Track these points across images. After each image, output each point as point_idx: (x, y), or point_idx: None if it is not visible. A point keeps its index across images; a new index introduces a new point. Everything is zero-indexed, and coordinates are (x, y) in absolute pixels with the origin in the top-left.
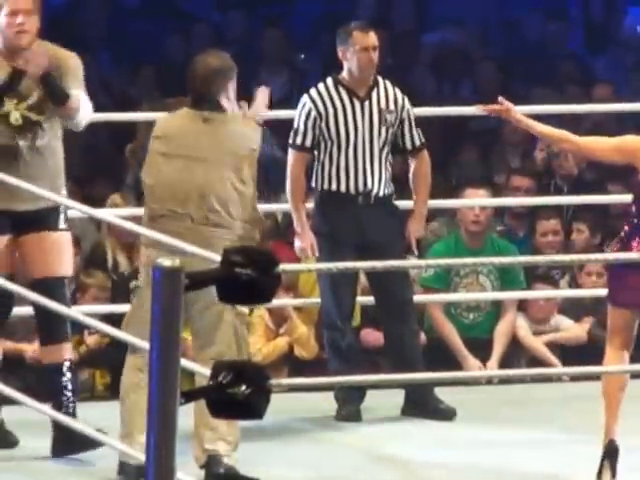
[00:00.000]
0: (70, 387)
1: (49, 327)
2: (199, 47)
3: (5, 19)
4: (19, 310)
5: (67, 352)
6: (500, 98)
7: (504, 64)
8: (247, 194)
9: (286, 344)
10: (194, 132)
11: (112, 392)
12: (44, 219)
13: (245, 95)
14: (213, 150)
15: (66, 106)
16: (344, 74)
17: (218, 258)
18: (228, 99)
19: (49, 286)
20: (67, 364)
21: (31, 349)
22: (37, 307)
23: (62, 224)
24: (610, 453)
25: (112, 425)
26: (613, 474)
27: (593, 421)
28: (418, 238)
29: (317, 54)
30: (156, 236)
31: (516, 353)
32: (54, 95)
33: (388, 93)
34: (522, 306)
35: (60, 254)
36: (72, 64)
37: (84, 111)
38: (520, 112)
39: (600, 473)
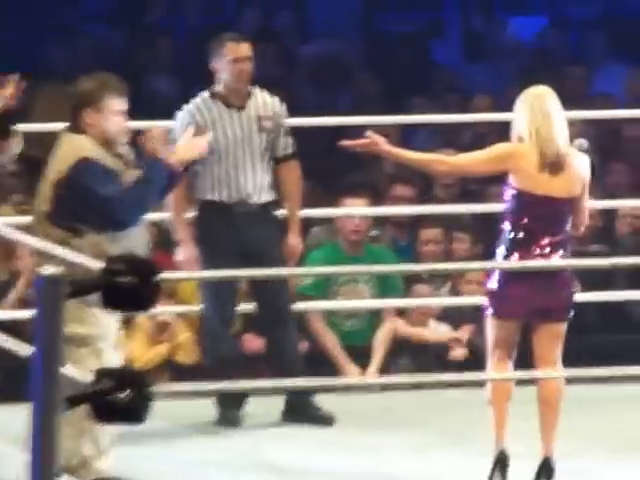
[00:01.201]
0: None
1: None
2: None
3: None
4: None
5: None
6: (368, 132)
7: (382, 74)
8: (42, 212)
9: (166, 350)
10: None
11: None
12: None
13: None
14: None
15: (6, 141)
16: (218, 86)
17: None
18: (97, 121)
19: None
20: None
21: None
22: None
23: None
24: (501, 462)
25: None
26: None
27: (473, 428)
28: (297, 249)
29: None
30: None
31: (394, 358)
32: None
33: (265, 101)
34: (400, 313)
35: None
36: None
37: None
38: (399, 121)
39: (490, 478)
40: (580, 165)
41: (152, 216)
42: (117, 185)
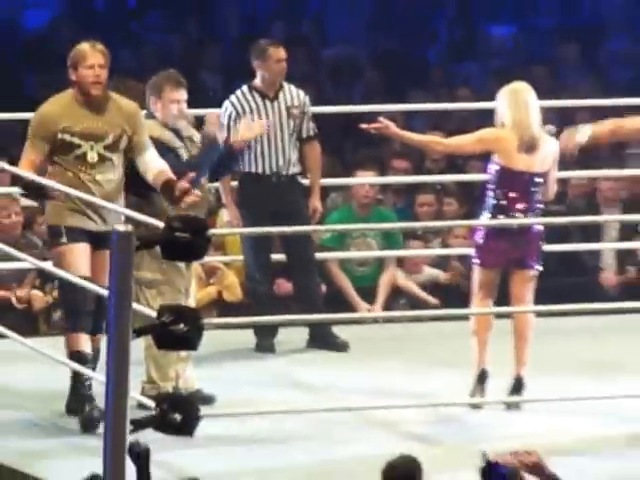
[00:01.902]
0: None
1: (101, 323)
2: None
3: (83, 71)
4: (8, 265)
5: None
6: (380, 118)
7: (387, 72)
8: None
9: (215, 291)
10: None
11: None
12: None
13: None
14: None
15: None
16: (257, 81)
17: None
18: (159, 108)
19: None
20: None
21: (18, 295)
22: (98, 308)
23: None
24: (481, 379)
25: None
26: (482, 394)
27: (460, 353)
28: (318, 211)
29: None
30: None
31: (396, 298)
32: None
33: (292, 93)
34: (400, 261)
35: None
36: (141, 118)
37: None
38: (400, 109)
39: (472, 393)
40: (550, 146)
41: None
42: (170, 159)
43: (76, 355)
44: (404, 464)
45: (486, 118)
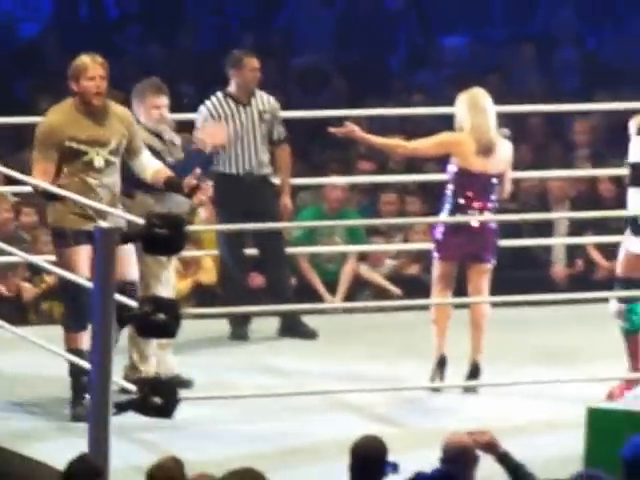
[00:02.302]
0: None
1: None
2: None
3: (85, 83)
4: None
5: None
6: (346, 122)
7: (351, 79)
8: None
9: (192, 283)
10: None
11: None
12: None
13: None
14: None
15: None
16: (231, 88)
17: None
18: (142, 113)
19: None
20: None
21: (4, 288)
22: None
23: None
24: (440, 364)
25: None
26: (442, 378)
27: (421, 341)
28: (289, 209)
29: (215, 73)
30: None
31: (361, 289)
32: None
33: (264, 99)
34: (364, 255)
35: (128, 263)
36: (135, 124)
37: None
38: (362, 114)
39: (432, 378)
40: (505, 148)
41: None
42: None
43: (75, 353)
44: (370, 444)
45: (441, 122)
